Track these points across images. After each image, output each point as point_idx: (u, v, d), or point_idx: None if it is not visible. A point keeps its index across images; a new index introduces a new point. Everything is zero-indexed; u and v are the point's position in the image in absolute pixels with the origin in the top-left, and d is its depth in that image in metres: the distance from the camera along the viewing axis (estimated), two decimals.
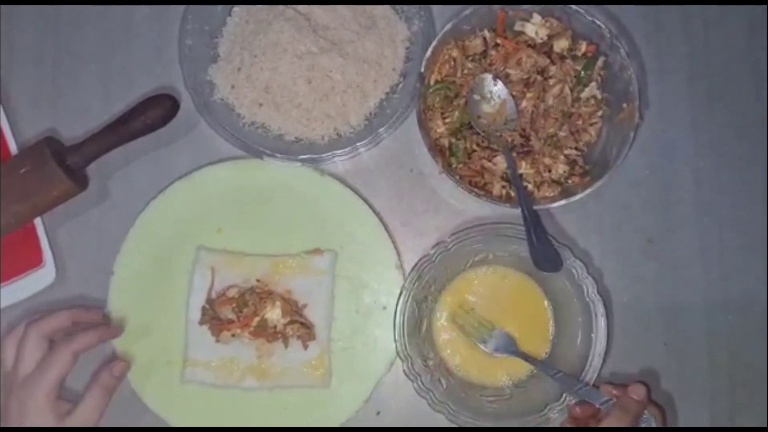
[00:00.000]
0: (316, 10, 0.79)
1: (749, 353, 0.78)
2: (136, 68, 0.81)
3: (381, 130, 0.77)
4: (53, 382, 0.69)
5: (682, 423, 0.77)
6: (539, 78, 0.77)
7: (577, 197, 0.73)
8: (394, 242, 0.78)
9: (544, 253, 0.71)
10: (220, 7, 0.80)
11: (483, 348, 0.75)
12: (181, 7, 0.79)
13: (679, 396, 0.78)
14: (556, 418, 0.72)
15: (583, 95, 0.77)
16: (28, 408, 0.68)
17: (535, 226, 0.71)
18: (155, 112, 0.76)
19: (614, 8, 0.82)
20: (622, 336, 0.79)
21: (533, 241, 0.71)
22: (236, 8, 0.80)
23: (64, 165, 0.75)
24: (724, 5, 0.83)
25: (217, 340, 0.76)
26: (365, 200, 0.79)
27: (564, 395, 0.73)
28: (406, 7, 0.80)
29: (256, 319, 0.75)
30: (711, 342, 0.79)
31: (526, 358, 0.75)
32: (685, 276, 0.80)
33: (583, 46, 0.77)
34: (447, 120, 0.77)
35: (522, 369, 0.76)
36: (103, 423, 0.76)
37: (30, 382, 0.69)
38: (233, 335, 0.76)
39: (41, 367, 0.69)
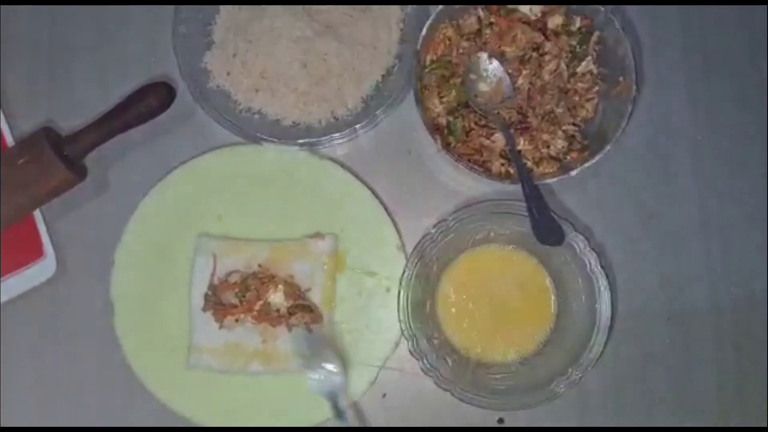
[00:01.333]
0: None
1: (753, 324, 0.78)
2: (131, 58, 0.81)
3: (378, 112, 0.77)
4: None
5: (689, 397, 0.77)
6: (534, 55, 0.77)
7: (576, 171, 0.73)
8: (394, 224, 0.78)
9: (546, 226, 0.71)
10: None
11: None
12: None
13: (685, 369, 0.78)
14: (562, 392, 0.72)
15: (579, 70, 0.77)
16: None
17: (536, 199, 0.71)
18: (152, 100, 0.76)
19: None
20: (625, 312, 0.78)
21: (534, 215, 0.70)
22: None
23: (62, 155, 0.75)
24: None
25: (221, 326, 0.76)
26: (364, 183, 0.78)
27: (570, 369, 0.73)
28: None
29: (259, 303, 0.75)
30: (714, 314, 0.79)
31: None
32: (686, 249, 0.80)
33: (578, 21, 0.77)
34: (444, 99, 0.77)
35: (528, 345, 0.76)
36: (108, 412, 0.77)
37: None
38: (237, 320, 0.75)
39: None
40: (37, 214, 0.78)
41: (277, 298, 0.75)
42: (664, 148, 0.81)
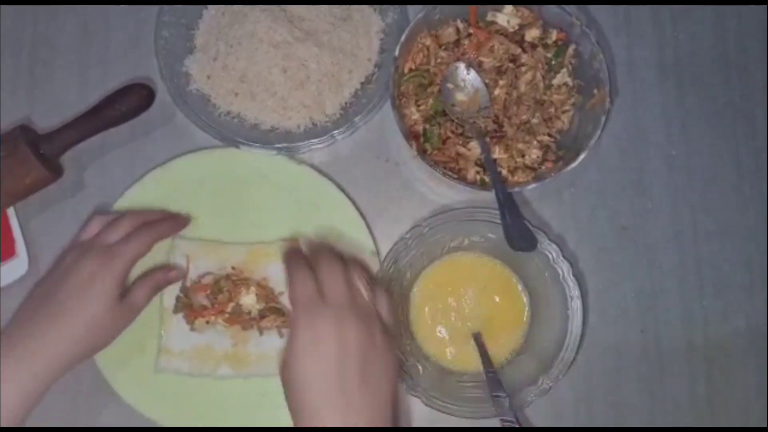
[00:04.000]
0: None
1: (725, 336, 0.79)
2: (112, 60, 0.82)
3: (356, 119, 0.77)
4: (134, 254, 0.71)
5: (660, 408, 0.77)
6: (511, 66, 0.78)
7: (550, 179, 0.74)
8: (370, 230, 0.78)
9: (518, 232, 0.71)
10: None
11: None
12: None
13: (657, 380, 0.78)
14: (533, 401, 0.72)
15: (555, 82, 0.78)
16: (103, 275, 0.69)
17: (508, 205, 0.71)
18: (131, 100, 0.76)
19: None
20: (598, 322, 0.79)
21: (507, 221, 0.71)
22: None
23: (39, 153, 0.74)
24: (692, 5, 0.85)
25: (192, 329, 0.75)
26: (341, 188, 0.79)
27: (541, 378, 0.72)
28: None
29: (231, 305, 0.74)
30: (687, 327, 0.79)
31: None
32: (659, 261, 0.80)
33: (554, 35, 0.78)
34: (421, 107, 0.78)
35: (500, 354, 0.76)
36: (75, 413, 0.76)
37: (115, 250, 0.70)
38: (208, 322, 0.75)
39: (127, 239, 0.72)
40: (10, 212, 0.78)
41: (248, 300, 0.74)
42: (639, 162, 0.82)
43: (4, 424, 0.65)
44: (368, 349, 0.64)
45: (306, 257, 0.70)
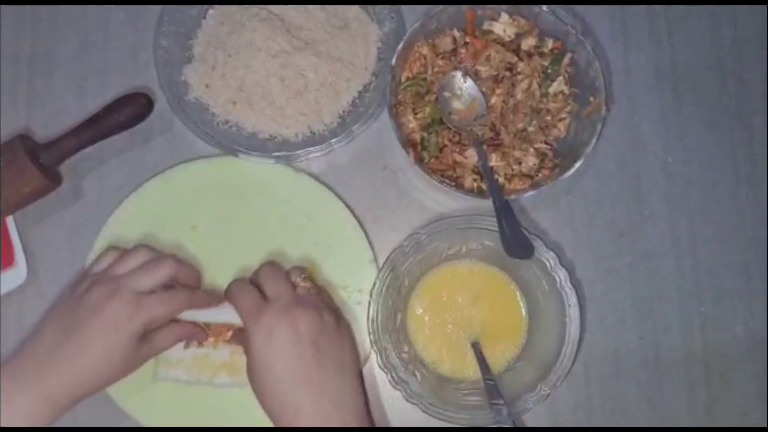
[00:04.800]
0: (290, 11, 0.81)
1: (723, 342, 0.79)
2: (111, 69, 0.82)
3: (354, 127, 0.78)
4: (164, 313, 0.69)
5: (659, 415, 0.77)
6: (508, 74, 0.79)
7: (547, 185, 0.74)
8: (368, 238, 0.78)
9: (515, 239, 0.71)
10: (195, 10, 0.81)
11: None
12: (157, 10, 0.80)
13: (656, 387, 0.78)
14: (531, 408, 0.72)
15: (551, 90, 0.78)
16: (129, 323, 0.67)
17: (505, 213, 0.71)
18: (130, 109, 0.77)
19: (579, 8, 0.84)
20: (596, 329, 0.79)
21: (504, 228, 0.71)
22: (211, 11, 0.82)
23: (38, 162, 0.75)
24: (688, 5, 0.85)
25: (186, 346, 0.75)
26: (339, 196, 0.79)
27: (540, 385, 0.72)
28: (377, 9, 0.82)
29: (230, 332, 0.74)
30: (685, 333, 0.79)
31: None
32: (657, 268, 0.80)
33: (550, 43, 0.79)
34: (418, 115, 0.78)
35: (498, 361, 0.76)
36: (73, 423, 0.75)
37: (144, 302, 0.67)
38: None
39: (166, 296, 0.69)
40: (9, 220, 0.78)
41: None
42: (636, 169, 0.82)
43: None
44: (320, 332, 0.68)
45: (246, 280, 0.73)
